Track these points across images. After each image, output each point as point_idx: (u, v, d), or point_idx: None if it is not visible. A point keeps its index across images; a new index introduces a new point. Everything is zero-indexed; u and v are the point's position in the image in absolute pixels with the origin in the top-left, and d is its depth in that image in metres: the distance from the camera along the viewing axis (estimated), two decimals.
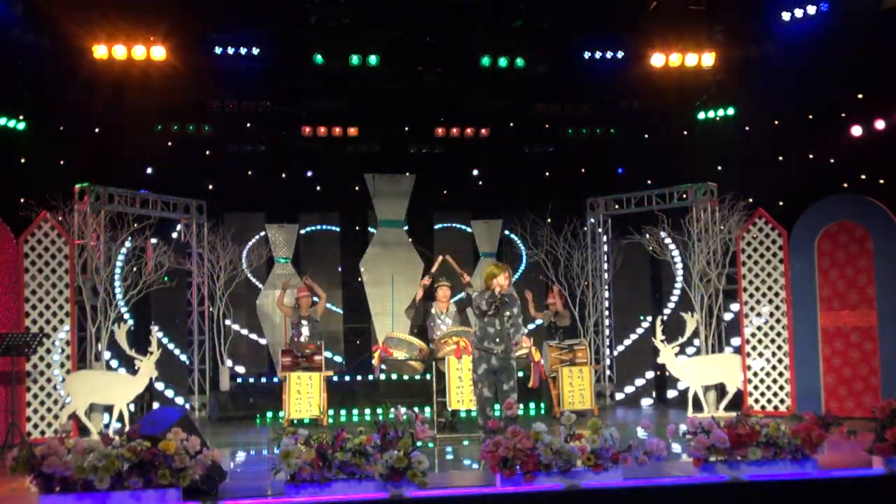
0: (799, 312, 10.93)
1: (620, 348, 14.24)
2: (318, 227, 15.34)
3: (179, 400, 13.26)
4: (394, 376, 12.84)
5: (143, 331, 12.10)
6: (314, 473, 5.71)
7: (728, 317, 12.51)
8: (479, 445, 6.85)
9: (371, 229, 15.27)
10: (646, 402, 13.94)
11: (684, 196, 13.00)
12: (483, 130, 15.60)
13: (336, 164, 15.52)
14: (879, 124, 13.31)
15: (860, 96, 13.64)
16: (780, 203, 13.68)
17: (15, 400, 9.89)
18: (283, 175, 15.80)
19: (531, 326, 13.05)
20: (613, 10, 13.48)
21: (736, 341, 12.04)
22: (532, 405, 12.76)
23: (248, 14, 13.25)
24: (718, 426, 6.20)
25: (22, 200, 11.50)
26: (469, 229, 15.46)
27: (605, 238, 14.18)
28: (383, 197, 15.04)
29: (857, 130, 13.54)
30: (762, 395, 11.23)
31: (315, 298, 12.24)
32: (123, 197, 12.04)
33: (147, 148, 14.64)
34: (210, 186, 14.91)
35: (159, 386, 13.01)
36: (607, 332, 14.16)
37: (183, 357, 13.46)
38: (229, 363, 13.62)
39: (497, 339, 8.42)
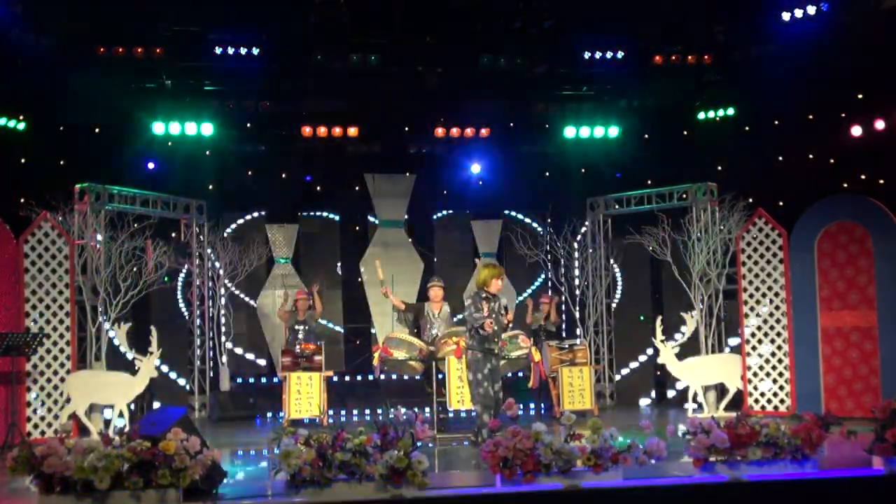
0: (799, 312, 10.91)
1: (625, 371, 14.22)
2: (318, 227, 15.32)
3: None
4: (394, 376, 12.82)
5: (143, 331, 12.08)
6: (314, 473, 5.71)
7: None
8: (480, 445, 6.85)
9: (373, 222, 15.21)
10: (644, 401, 13.95)
11: (684, 196, 13.00)
12: (483, 130, 15.59)
13: (336, 164, 15.51)
14: (879, 124, 13.32)
15: (860, 96, 13.65)
16: (780, 203, 13.68)
17: (15, 400, 9.88)
18: (283, 175, 15.79)
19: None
20: (613, 9, 13.48)
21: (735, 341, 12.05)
22: (532, 405, 12.76)
23: (247, 14, 13.27)
24: (718, 426, 6.19)
25: (22, 200, 11.51)
26: (469, 229, 15.44)
27: (605, 238, 14.18)
28: (383, 197, 15.03)
29: (857, 130, 13.55)
30: (762, 395, 11.24)
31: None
32: (123, 197, 12.03)
33: (147, 148, 14.65)
34: (210, 186, 14.91)
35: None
36: (607, 332, 14.16)
37: (170, 372, 13.42)
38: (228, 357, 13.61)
39: (496, 339, 8.79)
